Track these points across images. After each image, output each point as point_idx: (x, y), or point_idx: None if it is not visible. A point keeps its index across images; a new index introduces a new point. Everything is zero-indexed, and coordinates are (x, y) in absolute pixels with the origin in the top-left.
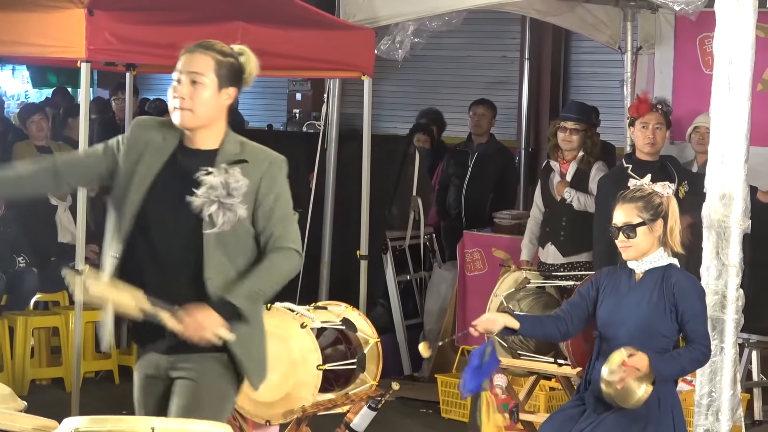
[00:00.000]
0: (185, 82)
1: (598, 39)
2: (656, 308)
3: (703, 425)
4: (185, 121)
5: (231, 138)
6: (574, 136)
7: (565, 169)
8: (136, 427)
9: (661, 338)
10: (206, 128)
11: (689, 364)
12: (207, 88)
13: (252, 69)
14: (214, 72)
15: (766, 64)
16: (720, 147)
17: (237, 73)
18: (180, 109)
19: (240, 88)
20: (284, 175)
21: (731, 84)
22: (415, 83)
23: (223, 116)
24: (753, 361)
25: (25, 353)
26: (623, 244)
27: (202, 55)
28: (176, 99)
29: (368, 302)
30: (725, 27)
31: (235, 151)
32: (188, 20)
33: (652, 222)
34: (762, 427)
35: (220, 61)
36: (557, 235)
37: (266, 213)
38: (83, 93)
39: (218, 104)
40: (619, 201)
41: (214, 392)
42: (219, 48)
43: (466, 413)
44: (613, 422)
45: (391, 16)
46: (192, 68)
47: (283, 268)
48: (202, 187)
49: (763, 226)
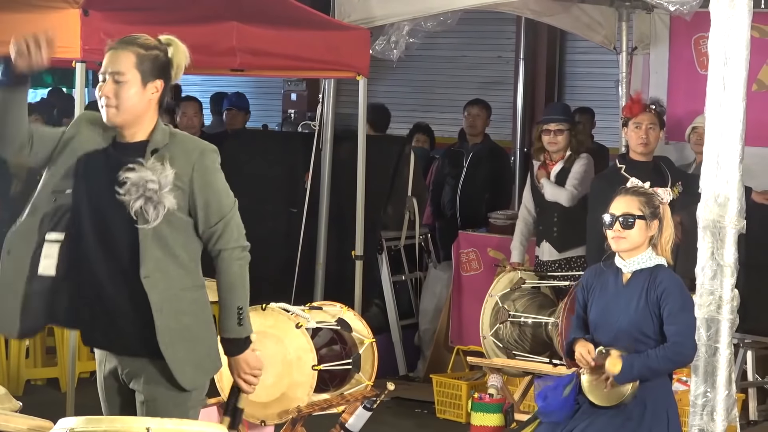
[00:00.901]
0: (108, 81)
1: (593, 39)
2: (643, 312)
3: (698, 425)
4: (111, 118)
5: (160, 129)
6: (559, 136)
7: (551, 168)
8: (132, 427)
9: (649, 340)
10: (136, 123)
11: (657, 363)
12: (130, 85)
13: (180, 60)
14: (135, 67)
15: (760, 64)
16: (715, 147)
17: (163, 66)
18: (106, 107)
19: (168, 79)
20: (216, 164)
21: (726, 84)
22: (410, 83)
23: (152, 109)
24: (748, 362)
25: (20, 353)
26: (617, 234)
27: (123, 51)
28: (102, 98)
29: (363, 302)
30: (720, 27)
31: (164, 142)
32: (183, 20)
33: (650, 220)
34: (757, 428)
35: (141, 55)
36: (550, 232)
37: (203, 205)
38: (78, 93)
39: (144, 98)
40: (621, 193)
41: (170, 407)
42: (142, 42)
43: (461, 413)
44: (606, 421)
45: (386, 16)
46: (113, 67)
47: (245, 276)
48: (125, 185)
49: (758, 226)
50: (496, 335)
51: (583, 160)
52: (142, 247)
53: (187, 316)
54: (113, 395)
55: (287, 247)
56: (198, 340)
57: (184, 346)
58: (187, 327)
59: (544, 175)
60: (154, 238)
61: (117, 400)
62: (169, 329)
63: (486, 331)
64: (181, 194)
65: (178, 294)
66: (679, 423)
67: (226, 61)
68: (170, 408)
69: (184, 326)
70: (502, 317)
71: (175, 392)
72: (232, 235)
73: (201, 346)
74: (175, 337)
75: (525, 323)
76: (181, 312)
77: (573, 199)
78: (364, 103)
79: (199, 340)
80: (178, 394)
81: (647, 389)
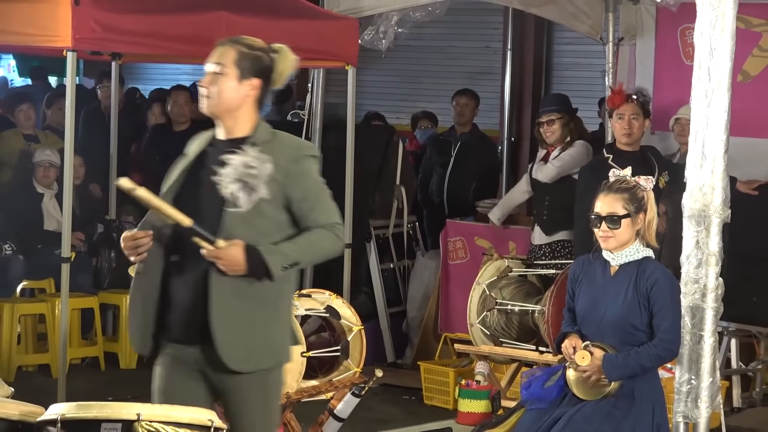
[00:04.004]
0: (209, 72)
1: (580, 30)
2: (631, 304)
3: (683, 412)
4: (206, 107)
5: (263, 127)
6: (553, 126)
7: (551, 152)
8: (121, 412)
9: (636, 332)
10: (231, 116)
11: (650, 362)
12: (227, 78)
13: (284, 67)
14: (235, 63)
15: (746, 55)
16: (700, 137)
17: (263, 67)
18: (203, 97)
19: (267, 81)
20: (313, 162)
21: (712, 75)
22: (398, 73)
23: (248, 105)
24: (732, 349)
25: (11, 340)
26: (605, 234)
27: (227, 47)
28: (201, 88)
29: (352, 290)
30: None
31: (266, 138)
32: (173, 9)
33: (635, 215)
34: (740, 414)
35: (243, 53)
36: (541, 216)
37: (301, 200)
38: (69, 82)
39: (238, 93)
40: (604, 190)
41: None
42: (247, 42)
43: (449, 400)
44: (593, 409)
45: (375, 7)
46: (214, 59)
47: (323, 245)
48: (226, 167)
49: (743, 216)
50: (483, 323)
51: (576, 146)
52: (227, 229)
53: (251, 303)
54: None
55: None
56: (257, 326)
57: (239, 329)
58: (247, 311)
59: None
60: (241, 223)
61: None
62: (224, 307)
63: (473, 318)
64: (277, 188)
65: (247, 280)
66: (665, 412)
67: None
68: (236, 394)
69: (243, 309)
70: (489, 305)
71: (228, 376)
72: (329, 213)
73: (259, 333)
74: (229, 318)
75: (512, 311)
76: (244, 295)
77: (549, 175)
78: (353, 92)
79: (258, 327)
80: (236, 378)
81: (634, 380)
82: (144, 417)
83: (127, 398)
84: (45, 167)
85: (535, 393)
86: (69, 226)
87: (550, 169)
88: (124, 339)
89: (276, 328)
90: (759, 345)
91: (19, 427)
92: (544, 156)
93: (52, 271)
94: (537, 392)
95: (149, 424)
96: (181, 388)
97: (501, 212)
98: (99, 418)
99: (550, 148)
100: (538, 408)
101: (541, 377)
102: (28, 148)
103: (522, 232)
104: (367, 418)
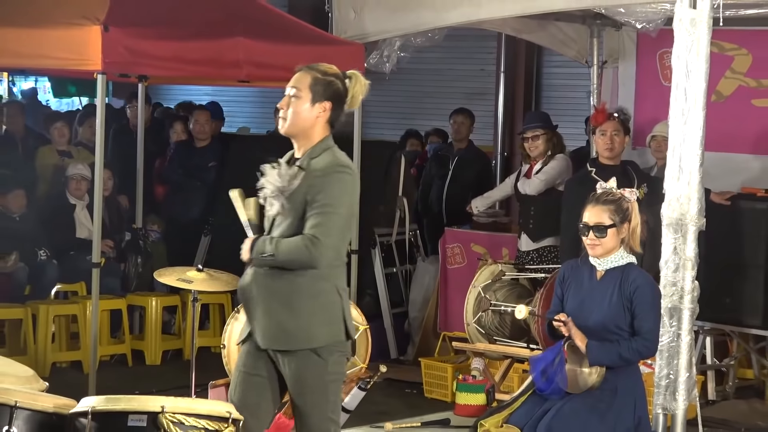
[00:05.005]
0: (287, 95)
1: (567, 54)
2: (616, 306)
3: (662, 404)
4: (281, 128)
5: (320, 145)
6: (537, 141)
7: (534, 166)
8: (147, 405)
9: (621, 331)
10: (303, 136)
11: (628, 353)
12: (302, 101)
13: (357, 91)
14: (309, 87)
15: (719, 77)
16: (678, 152)
17: (336, 91)
18: (280, 118)
19: (339, 104)
20: (340, 176)
21: (688, 95)
22: (401, 94)
23: (319, 126)
24: (707, 347)
25: (46, 338)
26: (592, 242)
27: (304, 73)
28: (279, 110)
29: (358, 292)
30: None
31: (315, 155)
32: (195, 35)
33: (620, 225)
34: (714, 406)
35: (317, 79)
36: (527, 224)
37: (311, 203)
38: (99, 102)
39: (311, 115)
40: (592, 202)
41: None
42: (322, 69)
43: (447, 393)
44: (580, 402)
45: (379, 33)
46: (292, 83)
47: (291, 249)
48: (264, 176)
49: (716, 224)
50: (478, 322)
51: (557, 159)
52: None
53: (270, 293)
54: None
55: None
56: (285, 308)
57: (271, 309)
58: (277, 291)
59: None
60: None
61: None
62: (256, 298)
63: (469, 318)
64: (296, 205)
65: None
66: (646, 404)
67: (234, 73)
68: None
69: (273, 290)
70: (484, 306)
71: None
72: (313, 225)
73: (277, 319)
74: (258, 307)
75: (505, 311)
76: (268, 288)
77: (536, 188)
78: (359, 111)
79: (277, 314)
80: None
81: (618, 375)
82: (168, 409)
83: (152, 392)
84: (77, 180)
85: (552, 382)
86: (99, 234)
87: (536, 182)
88: (149, 337)
89: (296, 317)
90: (732, 343)
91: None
92: (527, 171)
93: (83, 276)
94: (554, 383)
95: (172, 415)
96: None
97: (482, 203)
98: (126, 410)
99: (533, 161)
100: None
101: (548, 356)
102: (62, 163)
103: (514, 240)
104: (372, 410)
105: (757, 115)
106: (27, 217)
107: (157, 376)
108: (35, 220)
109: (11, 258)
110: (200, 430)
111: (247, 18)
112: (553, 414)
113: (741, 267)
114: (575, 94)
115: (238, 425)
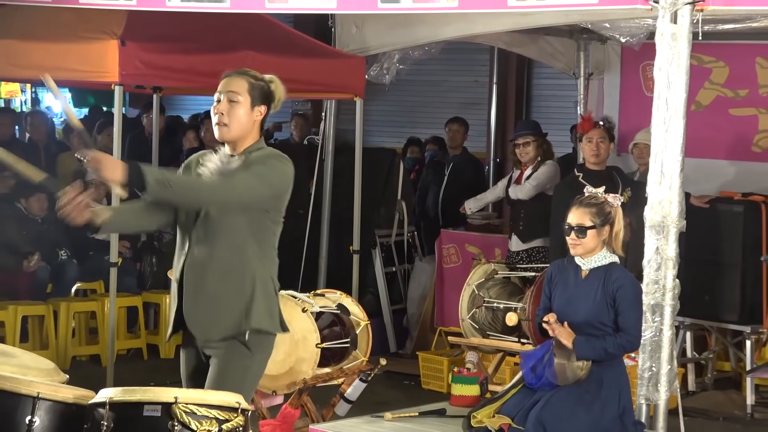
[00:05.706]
0: (224, 100)
1: (556, 66)
2: (600, 304)
3: (645, 395)
4: (223, 135)
5: (255, 145)
6: (527, 147)
7: (524, 171)
8: (161, 396)
9: (606, 328)
10: (241, 140)
11: (612, 348)
12: (241, 106)
13: (280, 95)
14: (247, 92)
15: (698, 87)
16: (659, 158)
17: (267, 95)
18: (219, 125)
19: (269, 108)
20: (266, 156)
21: (669, 105)
22: (399, 104)
23: (255, 129)
24: (687, 341)
25: (67, 333)
26: (573, 242)
27: (238, 78)
28: (216, 115)
29: (360, 290)
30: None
31: (251, 151)
32: (206, 49)
33: (601, 227)
34: (694, 397)
35: (252, 84)
36: (517, 226)
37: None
38: (116, 111)
39: (250, 119)
40: (576, 204)
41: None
42: (252, 74)
43: (443, 385)
44: (567, 393)
45: (379, 46)
46: (230, 88)
47: (200, 185)
48: (207, 164)
49: (696, 226)
50: (473, 318)
51: (547, 165)
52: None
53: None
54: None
55: (295, 243)
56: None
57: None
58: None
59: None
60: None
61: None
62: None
63: (464, 314)
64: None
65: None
66: (630, 395)
67: None
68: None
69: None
70: (477, 303)
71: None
72: (226, 173)
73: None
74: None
75: (497, 308)
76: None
77: (527, 193)
78: (361, 120)
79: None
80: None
81: (603, 367)
82: (181, 400)
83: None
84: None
85: (541, 377)
86: (116, 236)
87: (527, 188)
88: (163, 332)
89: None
90: (710, 337)
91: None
92: (518, 177)
93: (102, 274)
94: (543, 378)
95: (185, 405)
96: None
97: (474, 205)
98: (142, 400)
99: (524, 167)
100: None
101: (539, 353)
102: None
103: (506, 241)
104: (372, 401)
105: (733, 123)
106: (49, 220)
107: (171, 368)
108: (56, 222)
109: (34, 258)
110: (211, 419)
111: (254, 33)
112: (543, 404)
113: (719, 266)
114: (563, 104)
115: (246, 415)
